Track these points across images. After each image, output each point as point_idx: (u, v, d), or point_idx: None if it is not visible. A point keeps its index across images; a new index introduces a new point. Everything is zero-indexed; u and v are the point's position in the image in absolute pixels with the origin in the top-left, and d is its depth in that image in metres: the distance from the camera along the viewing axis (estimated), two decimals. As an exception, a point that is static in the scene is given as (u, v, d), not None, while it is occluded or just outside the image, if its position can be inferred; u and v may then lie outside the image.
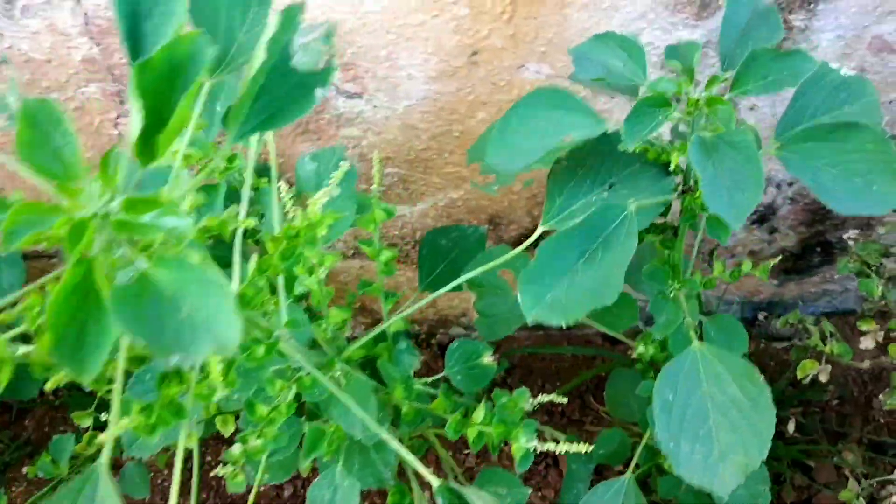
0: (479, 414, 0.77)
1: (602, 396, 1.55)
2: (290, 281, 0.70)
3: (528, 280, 0.72)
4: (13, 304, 0.48)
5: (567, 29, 1.04)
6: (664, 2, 1.02)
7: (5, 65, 1.00)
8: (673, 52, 0.81)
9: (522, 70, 1.08)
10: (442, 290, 0.84)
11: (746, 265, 0.88)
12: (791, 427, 1.31)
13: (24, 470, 1.33)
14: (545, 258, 0.73)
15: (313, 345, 0.80)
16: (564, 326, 0.70)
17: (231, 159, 0.82)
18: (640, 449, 1.06)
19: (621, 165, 0.81)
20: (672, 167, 0.76)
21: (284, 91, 0.51)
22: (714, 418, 0.74)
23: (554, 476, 1.43)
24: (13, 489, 1.33)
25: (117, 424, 0.49)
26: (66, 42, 1.06)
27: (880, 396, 1.09)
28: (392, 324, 0.83)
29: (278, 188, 0.76)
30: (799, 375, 1.09)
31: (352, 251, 1.34)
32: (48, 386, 0.51)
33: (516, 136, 0.79)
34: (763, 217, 1.35)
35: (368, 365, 0.87)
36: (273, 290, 0.75)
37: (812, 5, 1.05)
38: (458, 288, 1.03)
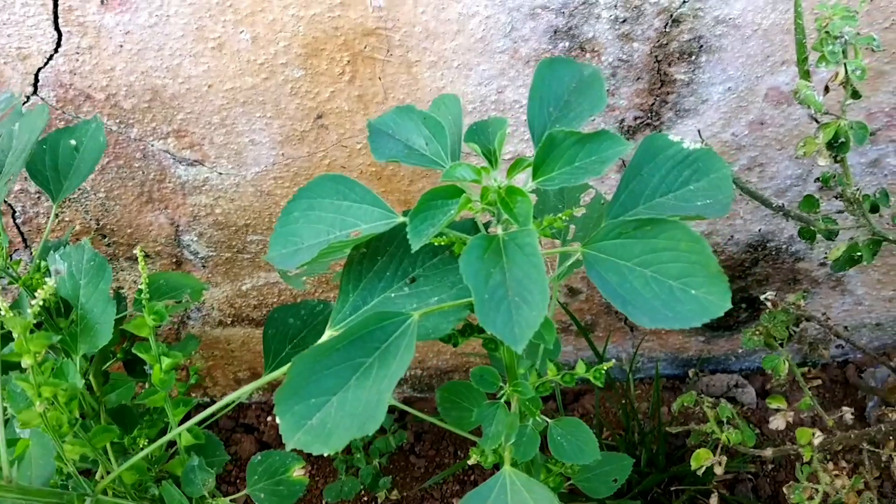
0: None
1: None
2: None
3: (288, 398, 0.62)
4: None
5: (419, 89, 0.94)
6: (524, 57, 0.92)
7: None
8: (483, 128, 0.71)
9: (377, 132, 0.98)
10: (263, 380, 0.74)
11: (580, 368, 0.78)
12: (714, 502, 1.19)
13: None
14: (308, 373, 0.63)
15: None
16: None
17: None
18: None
19: (427, 255, 0.71)
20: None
21: None
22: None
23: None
24: None
25: None
26: None
27: (784, 489, 0.97)
28: (181, 436, 0.73)
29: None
30: (693, 466, 0.98)
31: (230, 319, 1.24)
32: None
33: (300, 230, 0.69)
34: (678, 275, 1.24)
35: (168, 479, 0.77)
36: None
37: (694, 57, 0.94)
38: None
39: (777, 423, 1.04)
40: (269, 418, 1.43)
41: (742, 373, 1.47)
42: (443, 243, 0.70)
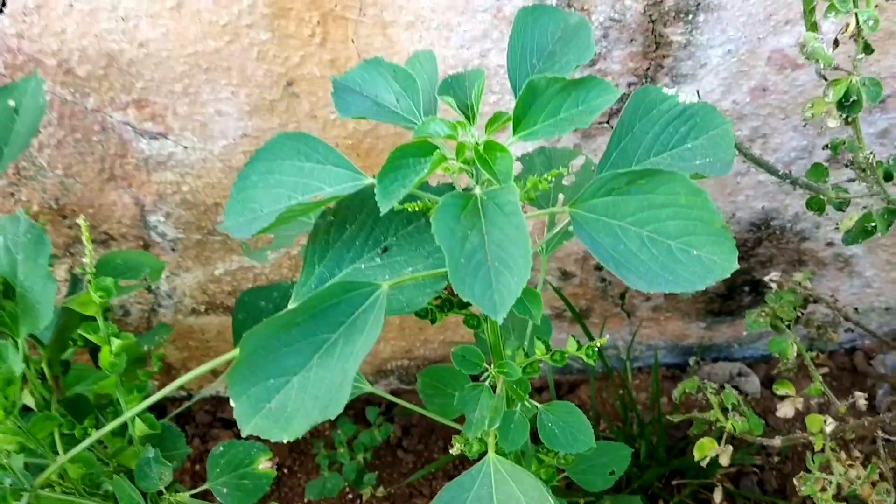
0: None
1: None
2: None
3: (243, 380, 0.55)
4: None
5: (396, 53, 0.87)
6: (508, 17, 0.85)
7: None
8: (453, 83, 0.64)
9: (353, 101, 0.91)
10: (203, 368, 0.67)
11: (571, 345, 0.71)
12: (718, 496, 1.12)
13: None
14: (266, 350, 0.56)
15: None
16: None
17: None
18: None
19: (401, 222, 0.65)
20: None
21: None
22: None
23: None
24: None
25: None
26: None
27: (795, 480, 0.91)
28: (135, 426, 0.67)
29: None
30: (696, 457, 0.91)
31: (204, 307, 1.18)
32: None
33: (258, 196, 0.62)
34: (676, 257, 1.17)
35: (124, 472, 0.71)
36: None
37: (691, 16, 0.87)
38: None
39: (785, 410, 0.98)
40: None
41: (745, 361, 1.40)
42: (417, 209, 0.64)
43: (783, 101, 0.97)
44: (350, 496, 1.28)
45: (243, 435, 0.55)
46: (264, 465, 0.70)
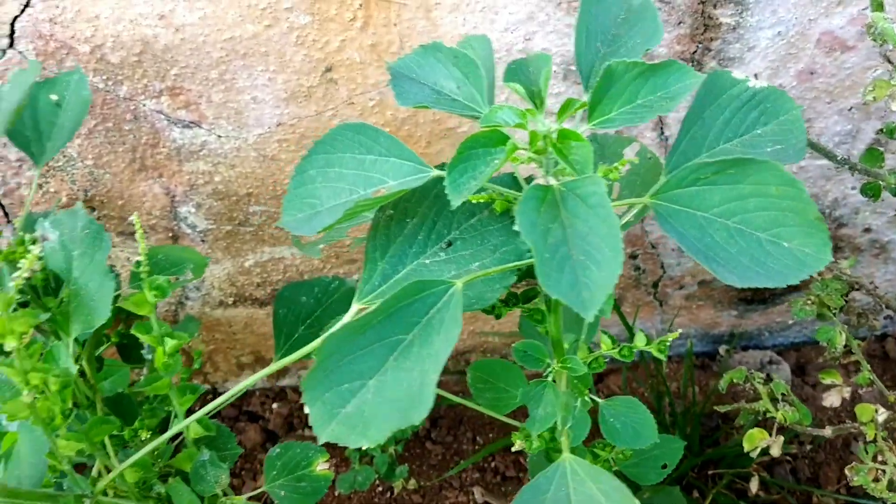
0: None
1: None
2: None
3: (318, 386, 0.53)
4: None
5: (439, 36, 0.84)
6: (555, 0, 0.83)
7: None
8: (517, 69, 0.61)
9: (392, 87, 0.88)
10: (268, 370, 0.65)
11: (640, 340, 0.69)
12: (754, 486, 1.11)
13: None
14: (340, 354, 0.54)
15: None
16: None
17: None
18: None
19: (464, 215, 0.62)
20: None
21: None
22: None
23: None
24: None
25: None
26: None
27: (846, 470, 0.89)
28: (189, 428, 0.64)
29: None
30: (746, 447, 0.89)
31: (232, 299, 1.15)
32: None
33: (317, 191, 0.60)
34: (713, 244, 1.15)
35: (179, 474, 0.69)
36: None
37: (742, -4, 0.85)
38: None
39: (832, 399, 0.96)
40: (274, 405, 1.34)
41: (775, 349, 1.38)
42: (482, 200, 0.62)
43: (830, 85, 0.95)
44: (380, 489, 1.27)
45: (320, 442, 0.52)
46: (321, 466, 0.68)
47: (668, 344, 0.67)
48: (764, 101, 0.63)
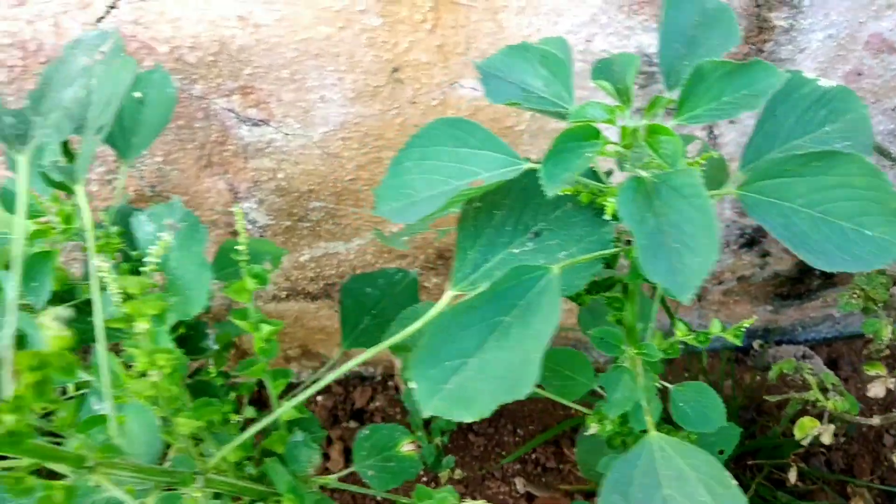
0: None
1: (580, 442, 1.39)
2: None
3: (423, 363, 0.56)
4: None
5: (504, 38, 0.88)
6: (617, 2, 0.86)
7: None
8: (603, 68, 0.65)
9: (456, 87, 0.92)
10: (362, 357, 0.68)
11: (715, 326, 0.72)
12: (793, 476, 1.14)
13: None
14: (443, 334, 0.57)
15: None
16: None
17: (68, 219, 0.66)
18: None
19: (549, 206, 0.65)
20: (608, 215, 0.60)
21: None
22: (680, 532, 0.57)
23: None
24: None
25: None
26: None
27: (894, 457, 0.92)
28: (283, 412, 0.67)
29: (97, 262, 0.60)
30: (797, 435, 0.92)
31: (285, 293, 1.18)
32: None
33: (413, 181, 0.63)
34: (753, 240, 1.18)
35: (266, 456, 0.72)
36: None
37: (797, 0, 0.88)
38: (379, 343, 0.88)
39: (876, 390, 0.99)
40: (319, 398, 1.37)
41: (808, 343, 1.41)
42: (566, 192, 0.65)
43: (875, 86, 0.98)
44: (425, 479, 1.29)
45: (424, 416, 0.55)
46: (407, 448, 0.71)
47: (743, 330, 0.70)
48: (833, 100, 0.66)
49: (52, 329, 0.43)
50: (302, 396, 0.66)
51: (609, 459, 0.80)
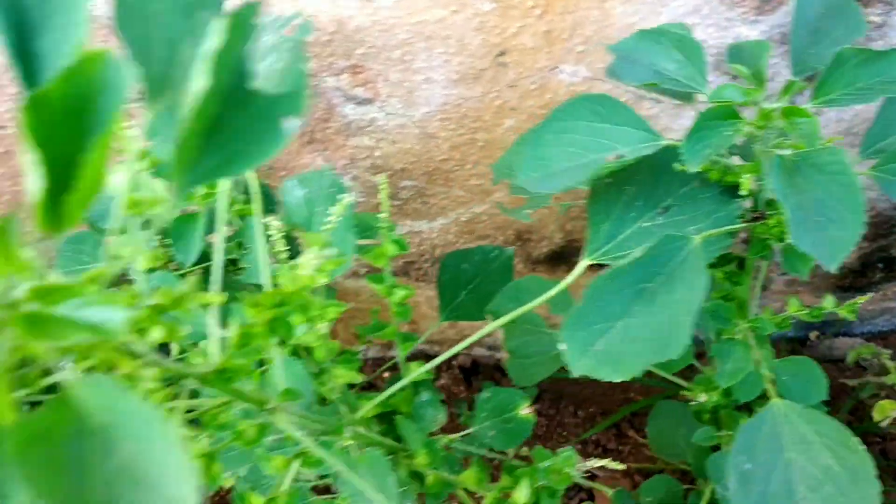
0: (522, 494, 0.65)
1: (639, 424, 1.42)
2: (286, 332, 0.58)
3: (573, 325, 0.60)
4: None
5: (609, 25, 0.91)
6: (719, -7, 0.89)
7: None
8: (738, 52, 0.68)
9: (556, 72, 0.95)
10: (474, 338, 0.71)
11: (829, 302, 0.75)
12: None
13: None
14: (592, 301, 0.60)
15: (321, 400, 0.68)
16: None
17: (212, 184, 0.70)
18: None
19: (677, 183, 0.69)
20: (744, 191, 0.63)
21: (243, 124, 0.37)
22: (802, 493, 0.61)
23: (587, 516, 1.30)
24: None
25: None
26: None
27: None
28: (412, 372, 0.71)
29: (266, 222, 0.64)
30: (876, 417, 0.96)
31: (364, 269, 1.22)
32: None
33: (551, 153, 0.66)
34: (821, 231, 1.21)
35: (386, 418, 0.75)
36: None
37: (890, -4, 0.91)
38: (481, 317, 0.91)
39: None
40: (385, 375, 1.41)
41: (863, 336, 1.44)
42: (694, 171, 0.68)
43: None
44: (489, 457, 1.33)
45: (574, 375, 0.59)
46: (525, 410, 0.74)
47: (857, 306, 0.74)
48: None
49: (306, 269, 0.47)
50: (437, 360, 0.69)
51: (705, 431, 0.84)
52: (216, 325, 0.50)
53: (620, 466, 0.71)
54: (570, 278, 0.66)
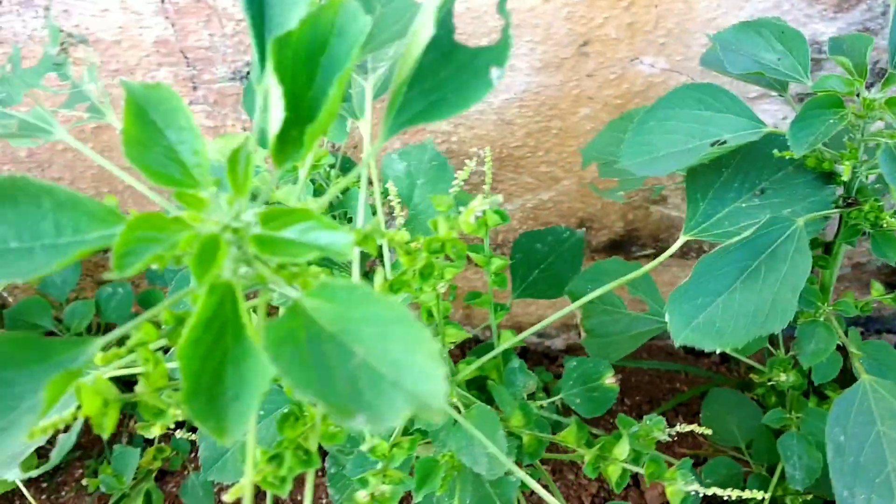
0: (622, 450, 0.68)
1: (688, 412, 1.45)
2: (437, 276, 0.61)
3: (677, 300, 0.63)
4: (121, 341, 0.40)
5: (690, 19, 0.94)
6: (800, -10, 0.92)
7: (82, 45, 0.92)
8: (838, 45, 0.71)
9: (635, 63, 0.98)
10: (555, 316, 0.74)
11: (907, 290, 0.78)
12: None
13: (77, 474, 1.27)
14: (698, 277, 0.63)
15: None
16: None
17: (319, 155, 0.73)
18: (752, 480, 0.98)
19: (771, 168, 0.72)
20: (846, 177, 0.66)
21: (448, 73, 0.41)
22: (893, 463, 0.64)
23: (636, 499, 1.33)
24: (63, 493, 1.26)
25: (249, 477, 0.41)
26: (139, 21, 0.99)
27: None
28: (504, 340, 0.74)
29: (378, 190, 0.67)
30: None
31: (429, 253, 1.25)
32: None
33: (655, 140, 0.69)
34: (876, 229, 1.24)
35: (475, 385, 0.78)
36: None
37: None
38: (552, 295, 0.94)
39: None
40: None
41: (906, 334, 1.47)
42: (788, 156, 0.71)
43: None
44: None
45: (676, 345, 0.62)
46: (609, 380, 0.77)
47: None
48: None
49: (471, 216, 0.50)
50: (532, 329, 0.72)
51: (775, 412, 0.87)
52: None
53: (707, 431, 0.74)
54: (662, 257, 0.69)
